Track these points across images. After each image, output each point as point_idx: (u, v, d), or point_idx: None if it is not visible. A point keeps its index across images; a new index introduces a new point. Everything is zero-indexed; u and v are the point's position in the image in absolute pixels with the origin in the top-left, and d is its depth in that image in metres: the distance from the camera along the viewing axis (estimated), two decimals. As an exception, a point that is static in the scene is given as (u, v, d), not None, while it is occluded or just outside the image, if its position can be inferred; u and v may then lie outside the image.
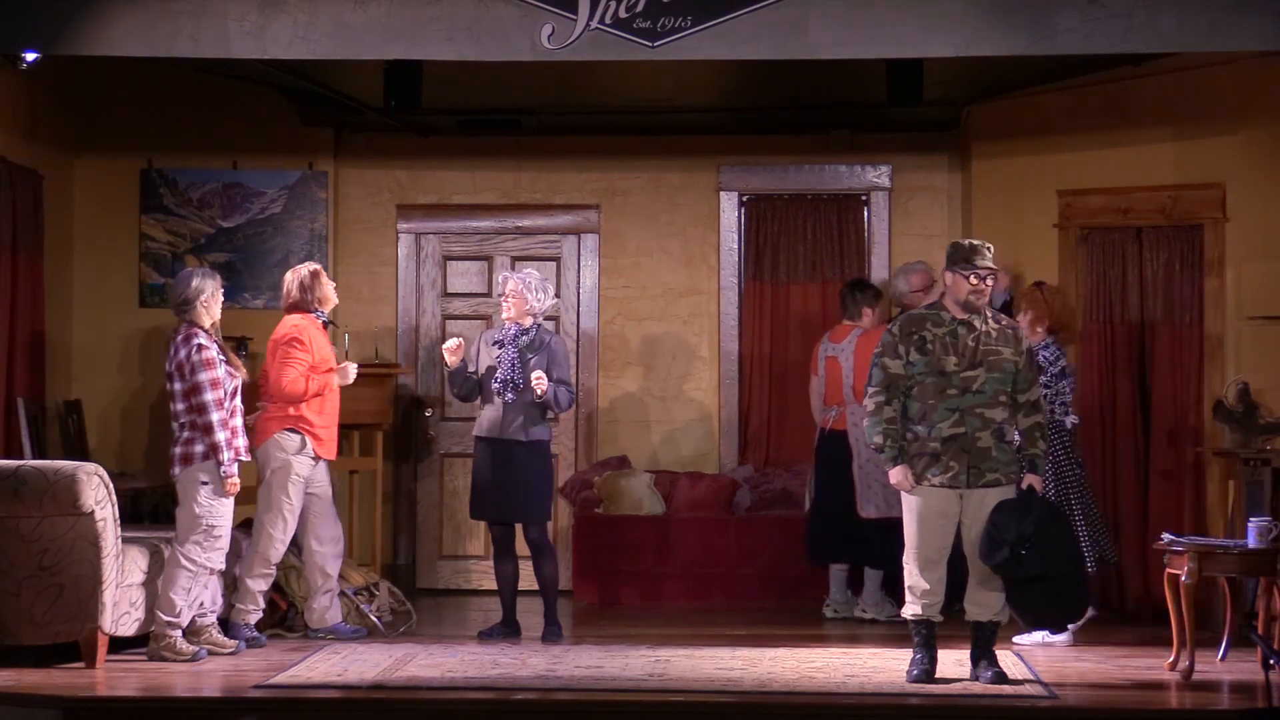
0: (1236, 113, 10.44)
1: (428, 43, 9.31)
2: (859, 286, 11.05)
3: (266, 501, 9.67)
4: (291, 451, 9.67)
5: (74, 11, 9.28)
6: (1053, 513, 8.46)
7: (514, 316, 9.89)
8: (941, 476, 8.34)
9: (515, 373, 9.77)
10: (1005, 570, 8.25)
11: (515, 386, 9.77)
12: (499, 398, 9.81)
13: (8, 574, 8.67)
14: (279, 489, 9.64)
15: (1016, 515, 8.23)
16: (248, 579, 9.61)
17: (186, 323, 9.10)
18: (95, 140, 11.93)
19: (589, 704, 7.94)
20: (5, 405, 10.53)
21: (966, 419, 8.32)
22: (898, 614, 10.73)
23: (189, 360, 8.98)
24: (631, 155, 12.28)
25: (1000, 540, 8.21)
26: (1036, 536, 8.19)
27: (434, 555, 12.21)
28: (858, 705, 7.93)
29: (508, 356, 9.82)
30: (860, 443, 10.71)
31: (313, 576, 9.83)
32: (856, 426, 10.72)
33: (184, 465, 9.03)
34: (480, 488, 9.91)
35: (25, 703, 7.88)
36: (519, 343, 9.85)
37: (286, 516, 9.67)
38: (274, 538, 9.64)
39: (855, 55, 9.30)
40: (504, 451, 9.82)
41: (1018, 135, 11.50)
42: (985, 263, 8.36)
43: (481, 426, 9.91)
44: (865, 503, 10.71)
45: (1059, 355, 9.81)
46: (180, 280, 9.20)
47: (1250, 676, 8.53)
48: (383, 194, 12.30)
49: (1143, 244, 10.96)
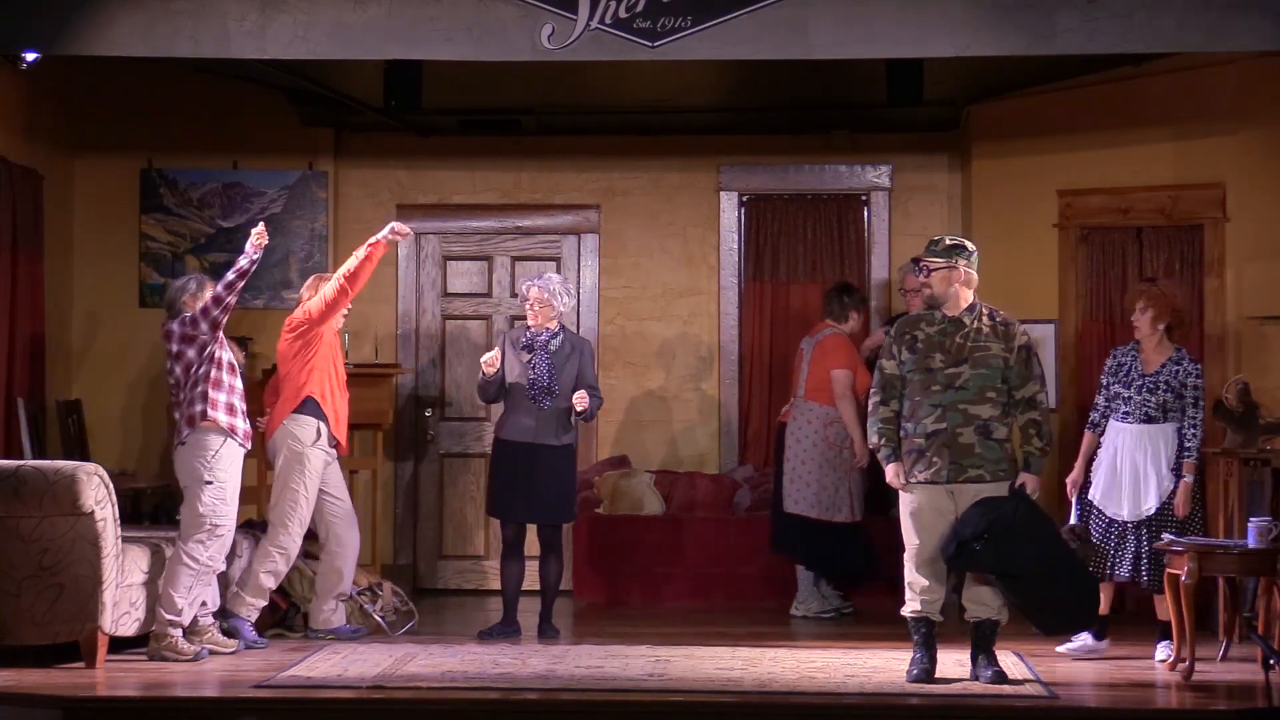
0: (1236, 113, 10.44)
1: (428, 43, 9.31)
2: (846, 290, 11.09)
3: (279, 492, 9.66)
4: (306, 442, 9.65)
5: (74, 11, 9.28)
6: (1024, 514, 8.28)
7: (541, 323, 9.97)
8: (925, 473, 8.36)
9: (551, 379, 9.87)
10: (953, 564, 8.28)
11: (551, 393, 9.85)
12: (534, 404, 9.87)
13: (8, 574, 8.67)
14: (293, 478, 9.62)
15: (985, 512, 8.21)
16: (260, 571, 9.58)
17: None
18: (95, 140, 11.93)
19: (589, 704, 7.94)
20: (5, 405, 10.53)
21: (948, 415, 8.33)
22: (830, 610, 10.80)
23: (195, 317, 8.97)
24: (631, 155, 12.29)
25: (956, 534, 8.21)
26: (996, 535, 8.14)
27: (434, 555, 12.22)
28: (858, 705, 7.93)
29: (541, 363, 9.90)
30: (792, 437, 10.78)
31: (327, 579, 9.82)
32: (795, 421, 10.83)
33: (190, 427, 9.00)
34: (507, 489, 9.96)
35: (25, 703, 7.88)
36: (550, 348, 9.92)
37: (301, 505, 9.64)
38: (288, 527, 9.62)
39: (855, 55, 9.30)
40: (535, 455, 9.90)
41: (1018, 135, 11.50)
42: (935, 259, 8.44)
43: (512, 431, 9.95)
44: (787, 498, 10.82)
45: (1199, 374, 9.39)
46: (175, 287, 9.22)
47: (1250, 676, 8.54)
48: (383, 194, 12.30)
49: (1143, 244, 10.96)
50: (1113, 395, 9.37)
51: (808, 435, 10.84)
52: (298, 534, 9.67)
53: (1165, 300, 9.41)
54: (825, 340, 10.90)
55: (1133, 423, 9.29)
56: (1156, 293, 9.48)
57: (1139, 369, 9.33)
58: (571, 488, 10.13)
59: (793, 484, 10.81)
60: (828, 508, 10.79)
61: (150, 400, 11.86)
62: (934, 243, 8.55)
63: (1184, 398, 9.26)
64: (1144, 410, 9.26)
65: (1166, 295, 9.48)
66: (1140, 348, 9.38)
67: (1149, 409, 9.26)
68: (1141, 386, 9.29)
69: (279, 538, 9.64)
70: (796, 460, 10.81)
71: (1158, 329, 9.36)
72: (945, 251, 8.47)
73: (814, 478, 10.79)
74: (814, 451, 10.80)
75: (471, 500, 12.17)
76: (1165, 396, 9.24)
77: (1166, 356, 9.32)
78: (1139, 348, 9.38)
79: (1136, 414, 9.29)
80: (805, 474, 10.79)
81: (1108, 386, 9.41)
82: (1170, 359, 9.31)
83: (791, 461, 10.83)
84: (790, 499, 10.81)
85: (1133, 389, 9.30)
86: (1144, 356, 9.36)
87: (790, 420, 10.92)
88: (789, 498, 10.82)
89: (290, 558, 9.67)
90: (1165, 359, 9.31)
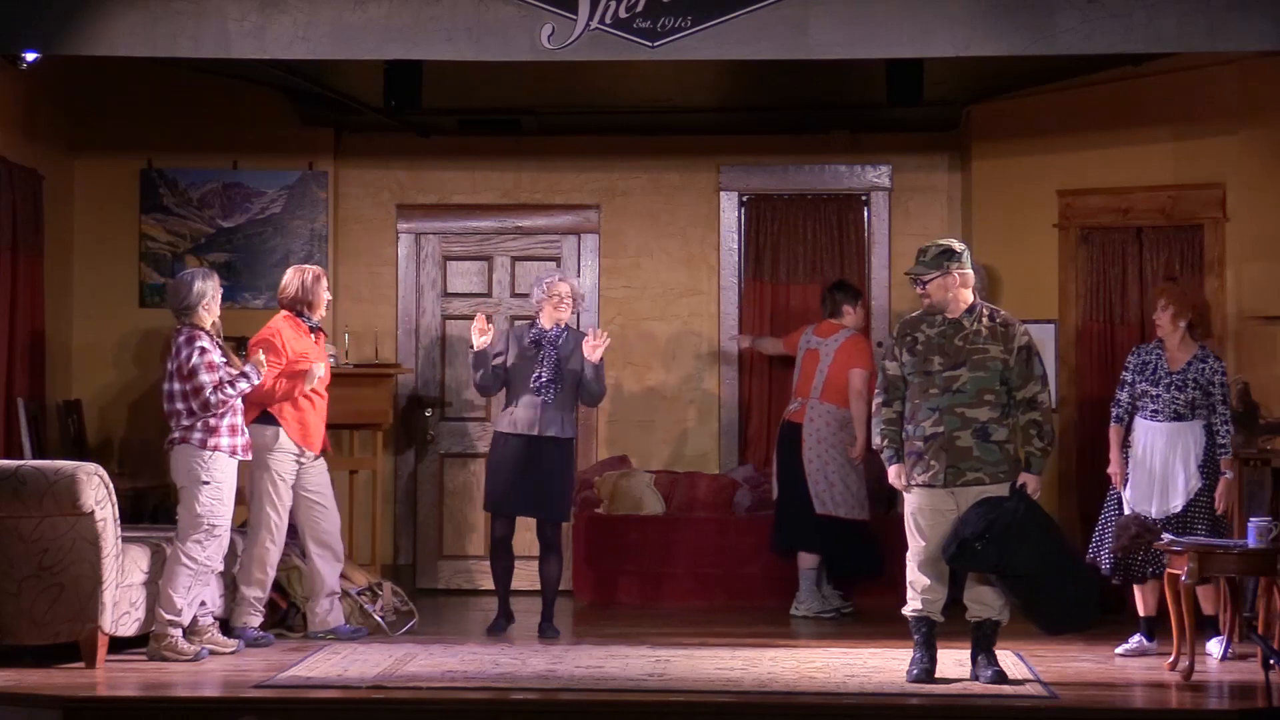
0: (1236, 113, 10.44)
1: (428, 43, 9.31)
2: (838, 286, 11.16)
3: (252, 505, 9.67)
4: (268, 448, 9.63)
5: (74, 11, 9.28)
6: (1025, 513, 8.28)
7: (561, 319, 10.03)
8: (924, 475, 8.37)
9: (557, 373, 9.92)
10: (955, 562, 8.27)
11: (556, 387, 9.90)
12: (538, 396, 9.91)
13: (8, 574, 8.67)
14: (260, 491, 9.63)
15: (985, 512, 8.22)
16: (244, 587, 9.61)
17: (188, 325, 9.11)
18: (95, 140, 11.93)
19: (589, 704, 7.94)
20: (5, 405, 10.53)
21: (945, 418, 8.33)
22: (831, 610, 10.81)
23: (190, 362, 8.99)
24: (631, 155, 12.28)
25: (957, 533, 8.22)
26: (998, 534, 8.15)
27: (434, 555, 12.21)
28: (858, 705, 7.93)
29: (548, 357, 9.94)
30: (812, 439, 10.79)
31: (313, 581, 9.83)
32: (813, 423, 10.82)
33: (182, 443, 9.04)
34: (504, 482, 10.00)
35: (25, 703, 7.88)
36: (557, 344, 9.98)
37: (272, 516, 9.63)
38: (263, 541, 9.63)
39: (855, 55, 9.29)
40: (536, 448, 9.94)
41: (1018, 135, 11.50)
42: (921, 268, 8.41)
43: (514, 423, 9.98)
44: (818, 500, 10.84)
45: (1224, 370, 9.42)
46: (180, 283, 9.19)
47: (1250, 676, 8.53)
48: (383, 194, 12.30)
49: (1143, 244, 10.96)
50: (1140, 393, 9.36)
51: (826, 437, 10.86)
52: (273, 544, 9.66)
53: (1186, 298, 9.44)
54: (846, 343, 10.91)
55: (1162, 421, 9.31)
56: (1177, 291, 9.51)
57: (1165, 366, 9.35)
58: (569, 485, 10.16)
59: (819, 486, 10.82)
60: (853, 507, 10.85)
61: (150, 400, 11.84)
62: (921, 254, 8.48)
63: (1212, 395, 9.28)
64: (1173, 408, 9.28)
65: (1187, 293, 9.52)
66: (1164, 346, 9.39)
67: (1178, 407, 9.27)
68: (1170, 384, 9.30)
69: (253, 548, 9.65)
70: (820, 463, 10.82)
71: (1179, 326, 9.36)
72: (934, 261, 8.43)
73: (838, 478, 10.82)
74: (835, 453, 10.83)
75: (471, 500, 12.16)
76: (1194, 394, 9.27)
77: (1191, 354, 9.34)
78: (1162, 346, 9.39)
79: (1166, 412, 9.31)
80: (831, 475, 10.81)
81: (1133, 384, 9.40)
82: (1195, 356, 9.34)
83: (815, 464, 10.83)
84: (820, 500, 10.82)
85: (1160, 386, 9.31)
86: (1168, 354, 9.37)
87: (806, 422, 10.89)
88: (819, 499, 10.82)
89: (269, 562, 9.65)
90: (1190, 356, 9.33)
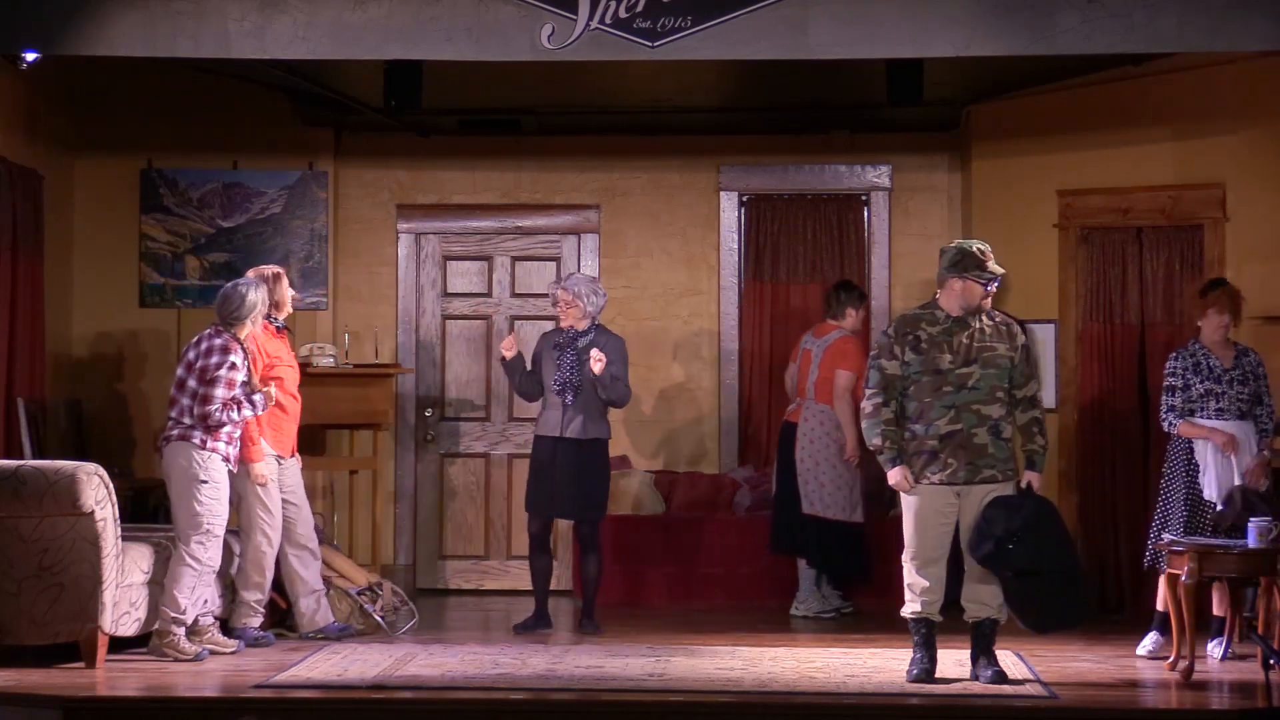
0: (1236, 113, 10.43)
1: (428, 43, 9.31)
2: (844, 287, 11.15)
3: (242, 509, 9.65)
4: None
5: (74, 11, 9.27)
6: (1046, 511, 8.39)
7: (571, 323, 10.16)
8: (940, 474, 8.35)
9: (574, 374, 10.05)
10: (991, 564, 8.27)
11: (575, 388, 10.03)
12: (558, 398, 10.07)
13: (8, 574, 8.67)
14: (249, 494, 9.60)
15: (1008, 510, 8.24)
16: (243, 591, 9.61)
17: (229, 333, 9.11)
18: (95, 140, 11.93)
19: (589, 704, 7.95)
20: (5, 405, 10.52)
21: (963, 416, 8.34)
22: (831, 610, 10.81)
23: (215, 371, 8.98)
24: (631, 155, 12.28)
25: (988, 534, 8.23)
26: (1025, 532, 8.20)
27: (434, 555, 12.21)
28: (858, 705, 7.93)
29: (567, 360, 10.09)
30: (805, 439, 10.80)
31: (294, 583, 9.81)
32: (807, 422, 10.83)
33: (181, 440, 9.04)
34: (538, 483, 10.17)
35: (25, 703, 7.88)
36: (577, 346, 10.10)
37: (264, 518, 9.61)
38: (258, 545, 9.62)
39: (855, 55, 9.29)
40: (563, 450, 10.08)
41: (1018, 135, 11.50)
42: (997, 268, 8.41)
43: (543, 426, 10.19)
44: (805, 500, 10.83)
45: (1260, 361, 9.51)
46: (234, 293, 9.17)
47: (1250, 676, 8.54)
48: (383, 194, 12.30)
49: (1143, 244, 10.96)
50: (1201, 394, 9.34)
51: (819, 438, 10.86)
52: (268, 547, 9.64)
53: (1237, 300, 9.49)
54: (835, 343, 10.92)
55: (1230, 419, 9.31)
56: (1226, 297, 9.47)
57: (1219, 364, 9.37)
58: (597, 485, 10.22)
59: (808, 485, 10.83)
60: (844, 508, 10.84)
61: (150, 400, 11.85)
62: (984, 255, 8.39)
63: (1260, 384, 9.36)
64: (1238, 405, 9.31)
65: (1235, 295, 9.53)
66: (1204, 345, 9.40)
67: (1242, 402, 9.32)
68: (1232, 380, 9.34)
69: (249, 551, 9.64)
70: (811, 462, 10.83)
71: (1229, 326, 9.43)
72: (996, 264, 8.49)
73: (829, 479, 10.82)
74: (827, 453, 10.83)
75: (471, 500, 12.17)
76: (1255, 386, 9.34)
77: (1235, 350, 9.42)
78: (1202, 345, 9.40)
79: (1232, 409, 9.32)
80: (821, 476, 10.82)
81: (1187, 386, 9.35)
82: (1239, 350, 9.42)
83: (806, 464, 10.84)
84: (808, 500, 10.82)
85: (1223, 384, 9.33)
86: (1218, 353, 9.39)
87: (801, 422, 10.92)
88: (806, 499, 10.83)
89: (266, 564, 9.63)
90: (1235, 352, 9.41)
